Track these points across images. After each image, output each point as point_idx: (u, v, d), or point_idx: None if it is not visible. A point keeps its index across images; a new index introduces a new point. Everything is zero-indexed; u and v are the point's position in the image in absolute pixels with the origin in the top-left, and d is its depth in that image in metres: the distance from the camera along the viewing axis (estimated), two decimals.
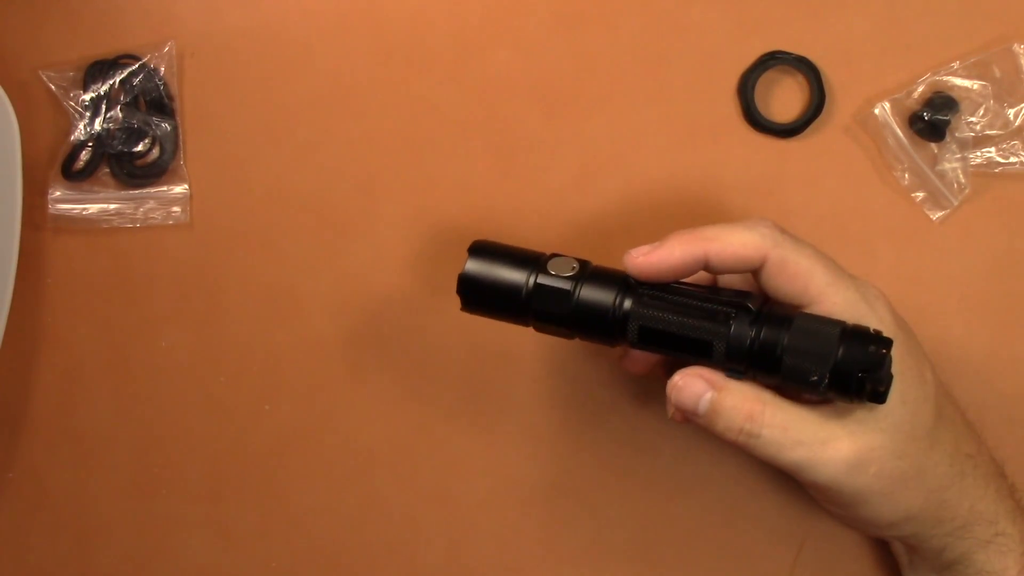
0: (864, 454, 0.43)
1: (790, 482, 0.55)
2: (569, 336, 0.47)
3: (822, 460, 0.43)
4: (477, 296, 0.47)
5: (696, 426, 0.47)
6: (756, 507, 0.55)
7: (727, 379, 0.44)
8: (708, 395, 0.43)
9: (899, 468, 0.43)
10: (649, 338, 0.45)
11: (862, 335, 0.42)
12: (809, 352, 0.42)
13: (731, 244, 0.44)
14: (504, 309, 0.47)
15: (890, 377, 0.42)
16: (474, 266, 0.47)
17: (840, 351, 0.41)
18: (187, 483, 0.60)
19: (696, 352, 0.44)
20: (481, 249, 0.48)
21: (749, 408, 0.43)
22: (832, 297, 0.43)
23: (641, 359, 0.50)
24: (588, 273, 0.46)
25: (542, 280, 0.46)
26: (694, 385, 0.44)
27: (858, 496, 0.44)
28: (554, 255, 0.47)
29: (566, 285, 0.46)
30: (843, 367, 0.41)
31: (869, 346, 0.41)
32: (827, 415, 0.44)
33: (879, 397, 0.42)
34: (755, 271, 0.45)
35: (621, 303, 0.45)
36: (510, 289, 0.46)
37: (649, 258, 0.45)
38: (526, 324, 0.47)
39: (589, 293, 0.45)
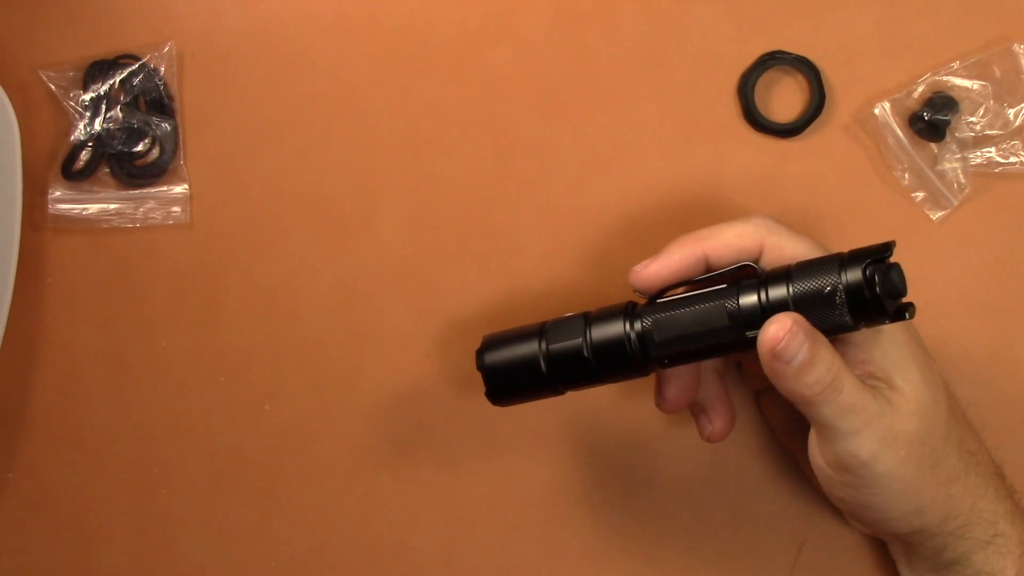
0: (899, 434, 0.43)
1: (790, 482, 0.55)
2: (602, 381, 0.47)
3: (872, 430, 0.43)
4: (504, 385, 0.48)
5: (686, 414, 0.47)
6: (756, 507, 0.55)
7: (815, 330, 0.43)
8: (806, 345, 0.42)
9: (921, 454, 0.43)
10: (670, 350, 0.45)
11: (861, 253, 0.42)
12: (818, 293, 0.42)
13: (726, 238, 0.45)
14: (532, 387, 0.48)
15: (904, 285, 0.42)
16: (490, 358, 0.48)
17: (846, 277, 0.41)
18: (187, 483, 0.60)
19: (715, 331, 0.44)
20: (489, 344, 0.48)
21: (838, 363, 0.43)
22: None
23: (675, 395, 0.49)
24: (590, 319, 0.47)
25: (553, 345, 0.47)
26: (800, 334, 0.42)
27: (883, 479, 0.43)
28: (555, 319, 0.48)
29: (576, 339, 0.46)
30: (855, 292, 0.41)
31: (871, 262, 0.41)
32: (868, 390, 0.43)
33: (901, 313, 0.41)
34: (755, 261, 0.45)
35: (632, 327, 0.45)
36: (529, 366, 0.47)
37: (651, 269, 0.46)
38: (560, 392, 0.48)
39: (599, 332, 0.46)
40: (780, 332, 0.42)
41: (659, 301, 0.46)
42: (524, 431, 0.57)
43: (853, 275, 0.41)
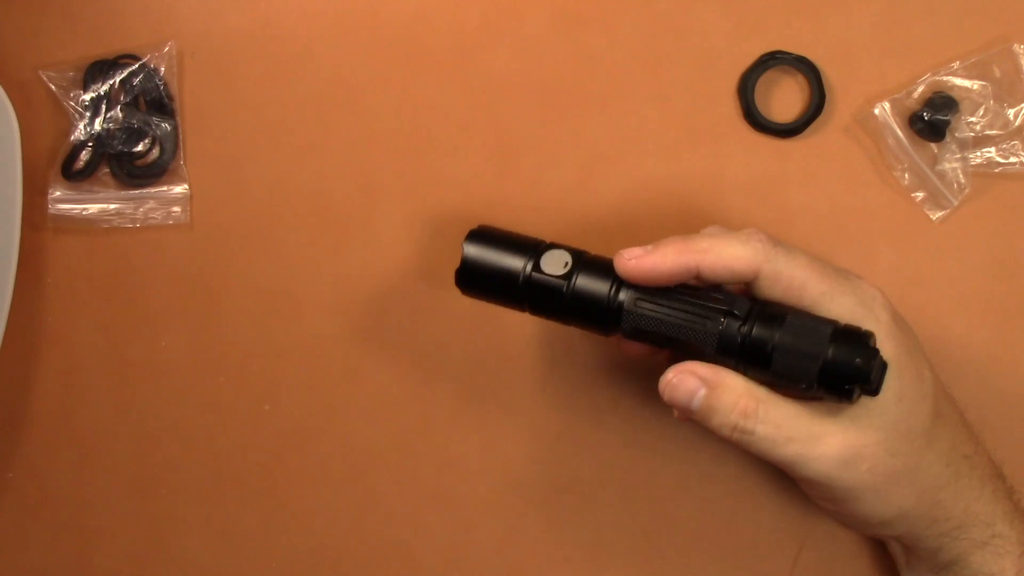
0: (857, 450, 0.43)
1: (790, 482, 0.55)
2: (565, 323, 0.47)
3: (814, 456, 0.43)
4: (475, 280, 0.48)
5: (695, 423, 0.47)
6: (756, 507, 0.56)
7: (721, 374, 0.44)
8: (701, 392, 0.43)
9: (892, 465, 0.44)
10: (641, 334, 0.45)
11: (854, 336, 0.42)
12: (800, 351, 0.42)
13: (723, 258, 0.45)
14: (501, 294, 0.48)
15: (883, 370, 0.42)
16: (473, 250, 0.48)
17: (830, 351, 0.42)
18: (187, 483, 0.60)
19: (687, 348, 0.44)
20: (481, 235, 0.48)
21: (744, 405, 0.43)
22: (827, 305, 0.44)
23: (638, 345, 0.50)
24: (583, 263, 0.47)
25: (537, 273, 0.47)
26: (687, 382, 0.44)
27: (850, 492, 0.44)
28: (552, 245, 0.48)
29: (561, 276, 0.46)
30: (832, 367, 0.42)
31: (860, 351, 0.42)
32: (820, 411, 0.44)
33: (849, 394, 0.42)
34: (749, 282, 0.45)
35: (616, 294, 0.45)
36: (507, 276, 0.47)
37: (641, 263, 0.45)
38: (522, 309, 0.48)
39: (584, 283, 0.46)
40: (663, 385, 0.44)
41: (647, 289, 0.46)
42: (524, 431, 0.57)
43: (836, 357, 0.42)
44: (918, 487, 0.44)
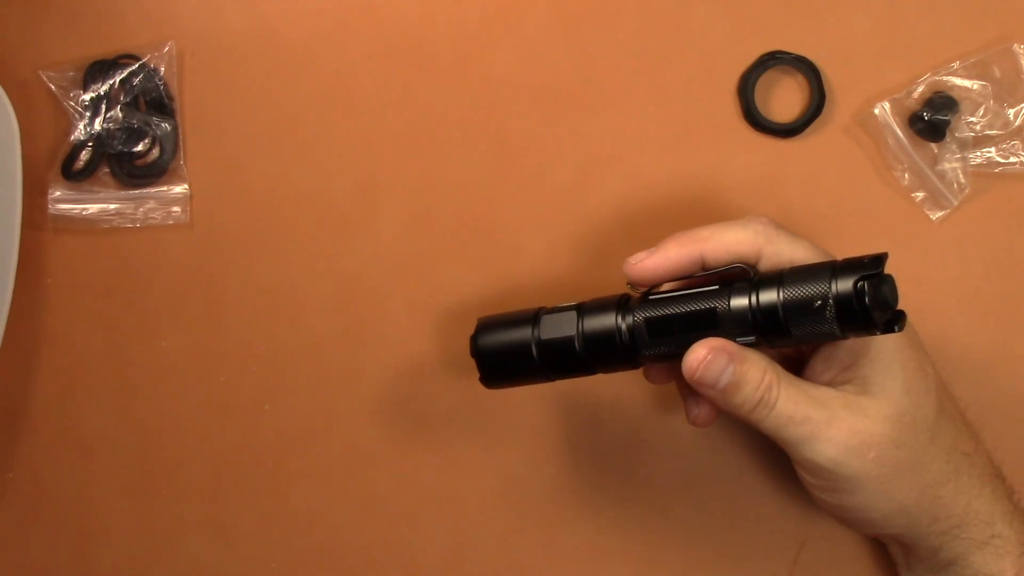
0: (866, 438, 0.43)
1: (790, 482, 0.55)
2: (592, 372, 0.47)
3: (826, 437, 0.43)
4: (496, 371, 0.49)
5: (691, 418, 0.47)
6: (756, 507, 0.55)
7: (745, 350, 0.43)
8: (730, 368, 0.43)
9: (897, 457, 0.44)
10: (657, 335, 0.45)
11: (854, 263, 0.42)
12: (806, 300, 0.42)
13: (725, 243, 0.45)
14: (522, 374, 0.48)
15: (896, 298, 0.42)
16: (484, 345, 0.48)
17: (836, 284, 0.41)
18: (187, 483, 0.60)
19: (705, 333, 0.44)
20: (483, 329, 0.49)
21: (768, 380, 0.43)
22: None
23: (662, 369, 0.50)
24: (584, 310, 0.47)
25: (545, 336, 0.47)
26: (720, 359, 0.43)
27: (854, 480, 0.44)
28: (549, 308, 0.48)
29: (568, 332, 0.46)
30: (846, 302, 0.41)
31: (863, 264, 0.41)
32: (833, 396, 0.44)
33: (891, 326, 0.41)
34: (753, 266, 0.45)
35: (623, 322, 0.45)
36: (522, 354, 0.47)
37: (647, 263, 0.46)
38: (551, 379, 0.48)
39: (591, 326, 0.46)
40: (695, 363, 0.43)
41: (651, 297, 0.46)
42: (524, 431, 0.57)
43: (843, 286, 0.41)
44: (920, 482, 0.44)
